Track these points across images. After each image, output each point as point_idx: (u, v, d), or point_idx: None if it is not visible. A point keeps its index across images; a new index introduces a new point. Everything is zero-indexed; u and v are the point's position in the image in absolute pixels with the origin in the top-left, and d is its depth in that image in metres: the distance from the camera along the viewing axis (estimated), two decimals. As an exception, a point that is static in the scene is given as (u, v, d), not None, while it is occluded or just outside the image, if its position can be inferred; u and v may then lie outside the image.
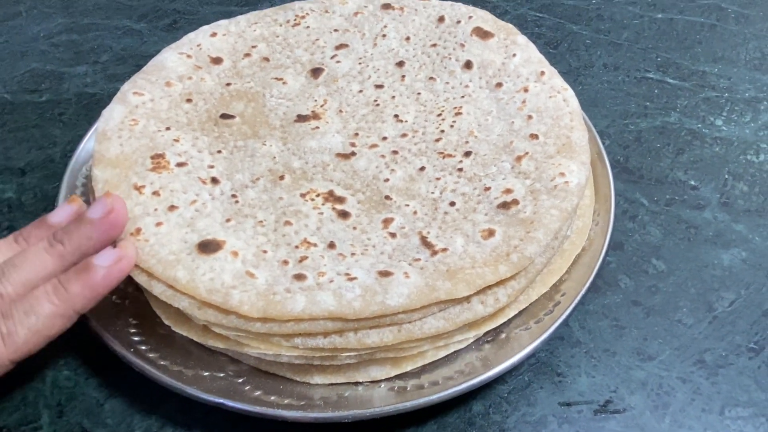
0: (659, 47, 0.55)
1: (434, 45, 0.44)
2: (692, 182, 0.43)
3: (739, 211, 0.41)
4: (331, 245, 0.32)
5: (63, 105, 0.49)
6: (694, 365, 0.34)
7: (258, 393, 0.30)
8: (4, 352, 0.28)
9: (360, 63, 0.43)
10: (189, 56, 0.42)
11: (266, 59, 0.43)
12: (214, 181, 0.35)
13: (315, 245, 0.32)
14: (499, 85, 0.40)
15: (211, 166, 0.36)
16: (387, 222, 0.34)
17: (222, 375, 0.31)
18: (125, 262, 0.30)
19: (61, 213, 0.33)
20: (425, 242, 0.32)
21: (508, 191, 0.34)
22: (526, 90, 0.39)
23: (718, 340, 0.35)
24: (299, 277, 0.30)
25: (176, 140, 0.37)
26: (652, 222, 0.40)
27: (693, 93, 0.50)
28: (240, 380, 0.31)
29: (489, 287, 0.30)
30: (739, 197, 0.42)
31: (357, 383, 0.31)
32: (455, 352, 0.32)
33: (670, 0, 0.60)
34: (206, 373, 0.31)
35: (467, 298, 0.30)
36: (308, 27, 0.45)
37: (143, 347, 0.31)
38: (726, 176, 0.43)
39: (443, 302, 0.29)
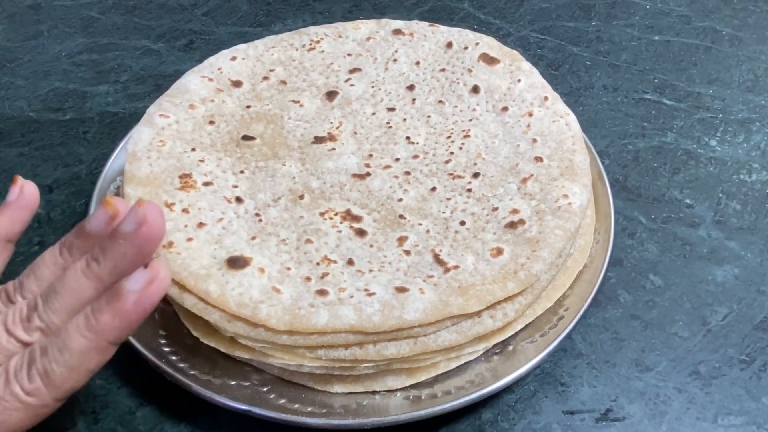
0: (656, 69, 0.57)
1: (443, 70, 0.46)
2: (687, 201, 0.45)
3: (732, 228, 0.43)
4: (350, 262, 0.34)
5: (87, 123, 0.51)
6: (689, 376, 0.36)
7: (282, 401, 0.32)
8: (45, 393, 0.27)
9: (372, 86, 0.45)
10: (210, 79, 0.45)
11: (284, 82, 0.46)
12: (239, 200, 0.38)
13: (335, 262, 0.34)
14: (505, 109, 0.43)
15: (235, 186, 0.39)
16: (401, 240, 0.36)
17: (247, 384, 0.33)
18: (157, 284, 0.28)
19: (97, 219, 0.30)
20: (438, 260, 0.34)
21: (515, 211, 0.36)
22: (530, 114, 0.42)
23: (712, 353, 0.37)
24: (322, 292, 0.32)
25: (201, 161, 0.39)
26: (649, 239, 0.43)
27: (688, 114, 0.52)
28: (265, 389, 0.33)
29: (498, 302, 0.32)
30: (732, 215, 0.44)
31: (374, 392, 0.33)
32: (466, 363, 0.34)
33: (667, 22, 0.62)
34: (233, 382, 0.33)
35: (478, 313, 0.32)
36: (323, 51, 0.48)
37: (173, 357, 0.34)
38: (720, 195, 0.46)
39: (456, 317, 0.31)
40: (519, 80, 0.44)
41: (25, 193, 0.32)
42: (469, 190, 0.38)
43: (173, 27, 0.61)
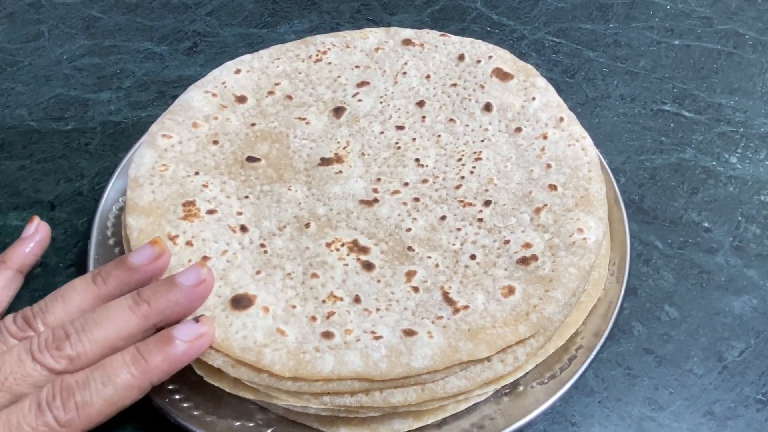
0: (676, 77, 0.55)
1: (454, 84, 0.44)
2: (705, 224, 0.44)
3: (751, 255, 0.42)
4: (357, 299, 0.33)
5: (88, 134, 0.50)
6: (703, 416, 0.35)
7: (287, 444, 0.31)
8: (78, 424, 0.27)
9: (381, 102, 0.44)
10: (214, 95, 0.43)
11: (289, 97, 0.44)
12: (243, 229, 0.37)
13: (341, 299, 0.33)
14: (519, 129, 0.41)
15: (240, 213, 0.37)
16: (410, 275, 0.35)
17: (252, 425, 0.32)
18: (205, 339, 0.30)
19: (143, 255, 0.32)
20: (447, 298, 0.33)
21: (528, 245, 0.35)
22: (545, 137, 0.40)
23: (728, 391, 0.36)
24: (327, 335, 0.31)
25: (205, 185, 0.38)
26: (665, 266, 0.41)
27: (708, 127, 0.51)
28: (269, 430, 0.32)
29: (509, 346, 0.31)
30: (751, 240, 0.43)
31: (381, 435, 0.32)
32: (474, 404, 0.33)
33: (688, 24, 0.60)
34: (237, 423, 0.32)
35: (488, 358, 0.31)
36: (330, 63, 0.46)
37: (177, 396, 0.33)
38: (739, 218, 0.44)
39: (465, 363, 0.31)
40: (533, 98, 0.42)
41: (40, 230, 0.38)
42: (480, 220, 0.37)
43: (176, 28, 0.59)
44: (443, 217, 0.37)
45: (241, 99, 0.44)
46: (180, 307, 0.30)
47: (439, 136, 0.42)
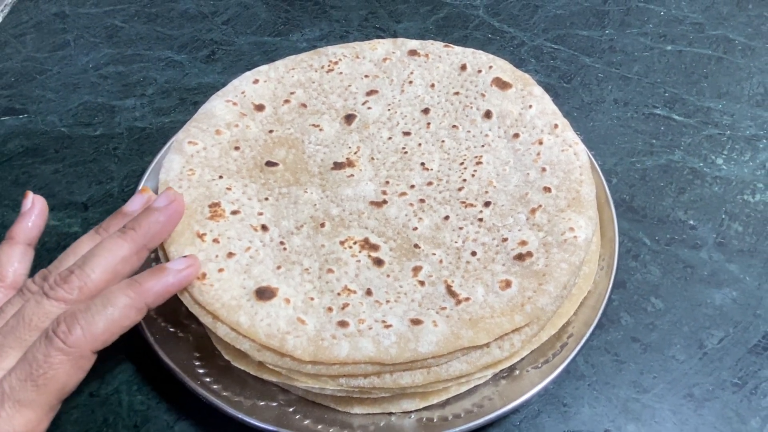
0: (667, 81, 0.58)
1: (457, 93, 0.48)
2: (691, 222, 0.47)
3: (733, 251, 0.45)
4: (369, 292, 0.37)
5: (116, 139, 0.54)
6: (683, 398, 0.38)
7: (307, 422, 0.35)
8: (84, 343, 0.31)
9: (389, 109, 0.47)
10: (235, 104, 0.47)
11: (304, 105, 0.48)
12: (264, 228, 0.40)
13: (354, 292, 0.37)
14: (516, 135, 0.45)
15: (261, 213, 0.41)
16: (416, 270, 0.38)
17: (275, 404, 0.36)
18: (193, 269, 0.35)
19: (135, 202, 0.38)
20: (450, 291, 0.37)
21: (524, 243, 0.39)
22: (540, 143, 0.44)
23: (707, 376, 0.39)
24: (342, 323, 0.35)
25: (228, 188, 0.42)
26: (652, 261, 0.45)
27: (697, 130, 0.54)
28: (291, 409, 0.36)
29: (506, 333, 0.35)
30: (733, 237, 0.46)
31: (390, 413, 0.36)
32: (475, 386, 0.36)
33: (680, 30, 0.63)
34: (261, 403, 0.36)
35: (487, 344, 0.35)
36: (341, 73, 0.50)
37: (207, 379, 0.37)
38: (723, 216, 0.48)
39: (466, 348, 0.34)
40: (530, 106, 0.46)
41: (36, 203, 0.39)
42: (480, 220, 0.41)
43: (194, 37, 0.63)
44: (446, 217, 0.41)
45: (260, 107, 0.47)
46: (160, 225, 0.36)
47: (443, 141, 0.45)
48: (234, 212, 0.40)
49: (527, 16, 0.65)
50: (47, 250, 0.45)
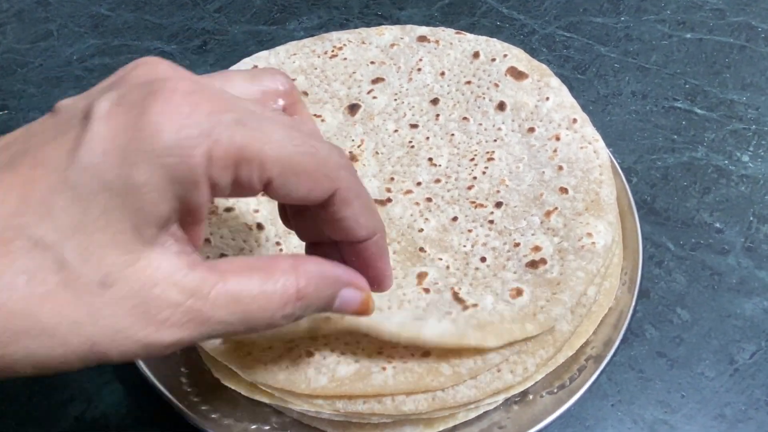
0: (687, 72, 0.55)
1: (468, 82, 0.44)
2: (717, 225, 0.44)
3: (763, 256, 0.42)
4: (370, 302, 0.34)
5: (100, 134, 0.50)
6: (714, 419, 0.35)
7: (302, 447, 0.32)
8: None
9: (395, 99, 0.44)
10: (226, 95, 0.43)
11: (305, 93, 0.44)
12: (260, 227, 0.37)
13: (354, 302, 0.34)
14: (532, 129, 0.41)
15: (256, 210, 0.38)
16: (421, 277, 0.35)
17: (267, 428, 0.33)
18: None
19: None
20: (457, 297, 0.33)
21: (537, 249, 0.35)
22: (557, 138, 0.40)
23: (738, 394, 0.36)
24: (341, 339, 0.32)
25: (218, 187, 0.38)
26: (677, 268, 0.41)
27: (720, 125, 0.50)
28: (284, 433, 0.33)
29: (518, 356, 0.32)
30: (763, 241, 0.43)
31: (392, 439, 0.33)
32: (484, 412, 0.33)
33: (700, 17, 0.59)
34: (253, 426, 0.33)
35: (498, 367, 0.31)
36: (345, 59, 0.46)
37: (195, 398, 0.33)
38: (751, 218, 0.44)
39: (474, 354, 0.30)
40: (547, 98, 0.42)
41: None
42: (491, 222, 0.37)
43: (185, 25, 0.59)
44: (455, 218, 0.38)
45: (253, 99, 0.44)
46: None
47: (453, 135, 0.42)
48: (227, 209, 0.37)
49: (538, 2, 0.61)
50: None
